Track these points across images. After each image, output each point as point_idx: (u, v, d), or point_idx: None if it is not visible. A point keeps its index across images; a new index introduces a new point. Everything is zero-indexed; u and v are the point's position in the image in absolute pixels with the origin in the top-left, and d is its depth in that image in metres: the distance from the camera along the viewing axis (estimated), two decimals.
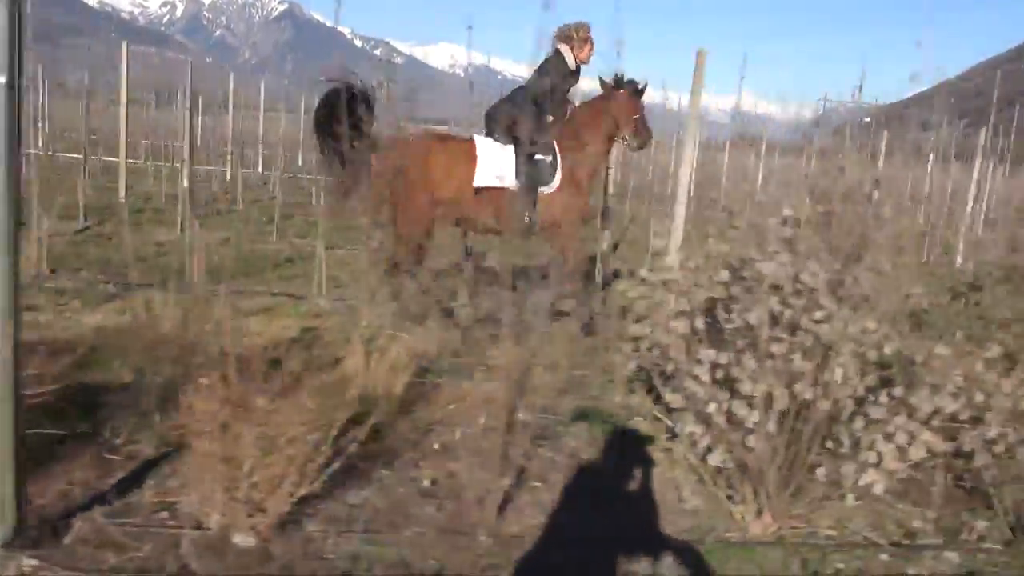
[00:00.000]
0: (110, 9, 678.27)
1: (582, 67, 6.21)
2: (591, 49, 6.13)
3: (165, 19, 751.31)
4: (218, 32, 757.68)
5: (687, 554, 2.94)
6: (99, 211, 9.74)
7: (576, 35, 6.04)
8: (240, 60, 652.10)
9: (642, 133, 6.31)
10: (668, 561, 2.86)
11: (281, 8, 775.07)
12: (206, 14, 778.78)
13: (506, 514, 3.14)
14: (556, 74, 6.00)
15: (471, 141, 5.86)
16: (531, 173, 5.79)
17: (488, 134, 5.97)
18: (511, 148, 5.83)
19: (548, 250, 6.20)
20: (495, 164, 5.76)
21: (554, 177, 5.87)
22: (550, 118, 6.01)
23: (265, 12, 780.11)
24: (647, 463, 3.60)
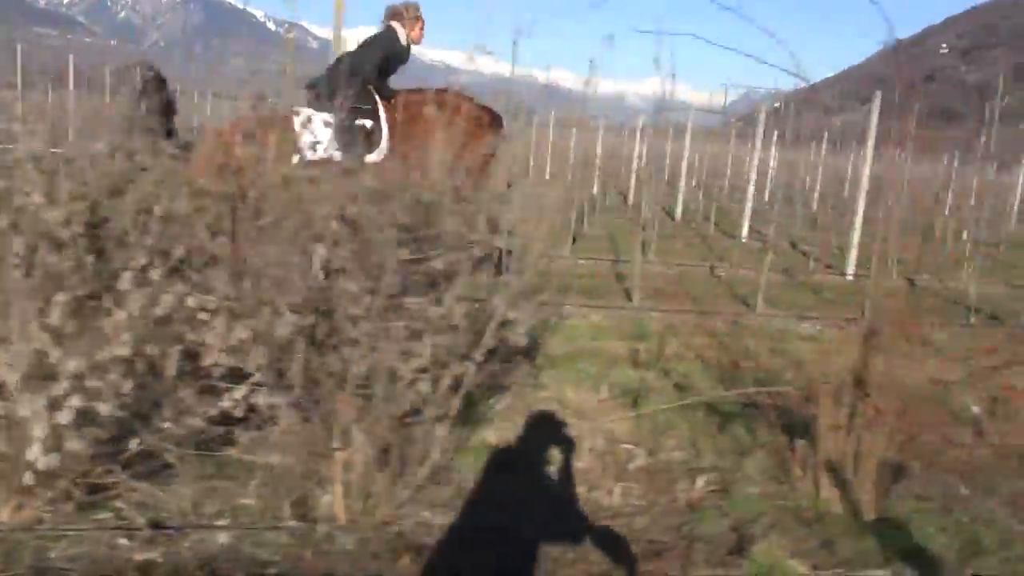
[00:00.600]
0: None
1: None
2: (422, 28, 6.00)
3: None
4: (123, 13, 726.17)
5: None
6: None
7: (407, 13, 5.93)
8: (147, 43, 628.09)
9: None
10: None
11: None
12: None
13: None
14: (384, 48, 5.87)
15: (286, 117, 5.58)
16: (351, 140, 5.49)
17: (309, 106, 5.68)
18: (331, 117, 5.51)
19: None
20: (314, 136, 5.46)
21: (378, 144, 5.62)
22: (373, 92, 5.78)
23: None
24: None
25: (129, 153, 2.86)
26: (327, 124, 5.48)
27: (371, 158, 5.53)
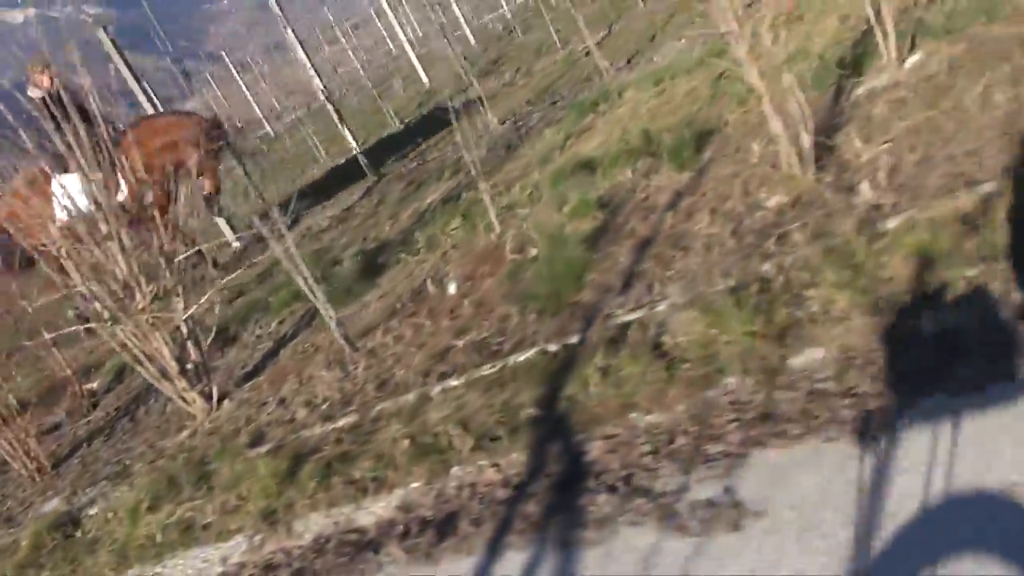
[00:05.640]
0: None
1: None
2: (50, 78, 6.86)
3: None
4: None
5: None
6: None
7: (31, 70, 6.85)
8: None
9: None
10: None
11: None
12: None
13: None
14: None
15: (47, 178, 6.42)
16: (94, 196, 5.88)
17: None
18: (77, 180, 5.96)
19: None
20: (70, 198, 5.97)
21: (116, 187, 6.08)
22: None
23: None
24: None
25: None
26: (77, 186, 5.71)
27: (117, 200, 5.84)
